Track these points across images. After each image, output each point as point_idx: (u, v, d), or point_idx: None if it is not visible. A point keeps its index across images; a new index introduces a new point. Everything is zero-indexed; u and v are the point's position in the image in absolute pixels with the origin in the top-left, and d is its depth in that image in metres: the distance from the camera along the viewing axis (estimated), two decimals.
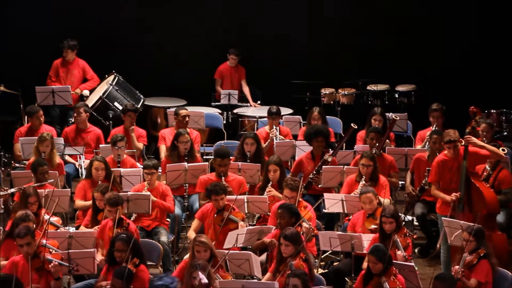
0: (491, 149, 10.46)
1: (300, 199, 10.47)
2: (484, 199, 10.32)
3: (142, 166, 11.92)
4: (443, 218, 10.31)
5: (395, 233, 9.55)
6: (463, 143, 10.35)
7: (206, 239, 9.25)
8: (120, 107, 14.13)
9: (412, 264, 9.27)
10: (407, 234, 9.70)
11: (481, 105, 11.20)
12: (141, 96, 14.86)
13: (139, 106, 14.39)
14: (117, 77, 14.71)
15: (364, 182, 11.06)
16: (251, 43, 15.91)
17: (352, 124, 12.46)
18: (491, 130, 12.34)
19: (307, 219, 10.06)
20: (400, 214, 9.85)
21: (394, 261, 9.07)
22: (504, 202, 11.23)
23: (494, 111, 14.24)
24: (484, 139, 12.07)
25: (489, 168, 11.33)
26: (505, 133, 14.19)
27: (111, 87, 14.51)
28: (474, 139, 10.36)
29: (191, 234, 10.43)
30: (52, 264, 9.03)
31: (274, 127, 13.07)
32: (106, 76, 14.88)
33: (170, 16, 16.03)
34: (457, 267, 9.09)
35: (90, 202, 10.86)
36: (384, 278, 8.71)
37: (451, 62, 15.40)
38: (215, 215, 10.43)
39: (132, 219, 10.75)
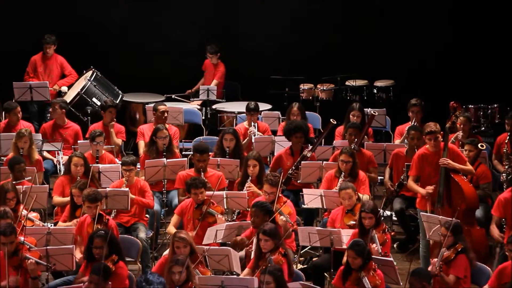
0: (465, 169, 10.50)
1: (280, 195, 10.47)
2: (464, 194, 10.36)
3: (120, 162, 11.90)
4: (421, 213, 10.34)
5: (374, 228, 9.57)
6: (440, 163, 10.39)
7: (186, 235, 9.24)
8: (99, 103, 14.08)
9: (391, 259, 9.30)
10: (386, 230, 9.72)
11: (459, 100, 11.23)
12: (120, 91, 14.82)
13: (117, 101, 14.35)
14: (95, 73, 14.65)
15: (343, 177, 11.08)
16: (230, 39, 15.88)
17: (331, 120, 12.48)
18: (468, 124, 12.40)
19: (286, 214, 10.07)
20: (379, 209, 9.87)
21: (374, 256, 9.09)
22: (483, 197, 11.28)
23: (472, 106, 14.31)
24: (462, 132, 12.14)
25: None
26: (483, 128, 14.26)
27: (89, 83, 14.46)
28: (450, 162, 10.38)
29: (171, 229, 10.42)
30: (28, 262, 8.99)
31: (253, 124, 13.06)
32: (84, 71, 14.83)
33: (149, 12, 15.97)
34: (435, 260, 9.12)
35: (68, 198, 10.81)
36: (363, 273, 8.73)
37: (429, 58, 15.43)
38: (195, 210, 10.42)
39: (112, 215, 10.71)
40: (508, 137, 12.37)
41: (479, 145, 11.54)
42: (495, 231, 10.03)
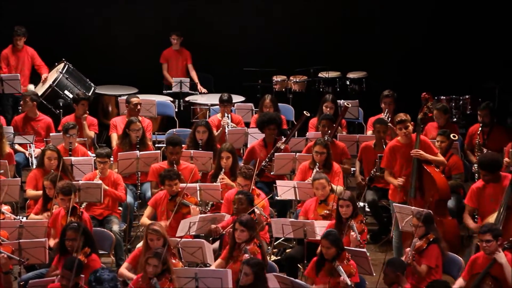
0: (437, 160, 10.57)
1: (253, 187, 10.48)
2: (436, 185, 10.41)
3: (93, 155, 11.85)
4: (394, 204, 10.39)
5: (352, 218, 9.59)
6: (412, 154, 10.43)
7: (159, 227, 9.22)
8: (71, 96, 14.01)
9: (364, 250, 9.33)
10: (363, 221, 9.76)
11: (431, 91, 11.28)
12: (92, 84, 14.75)
13: (90, 94, 14.29)
14: (67, 65, 14.57)
15: (317, 169, 11.10)
16: (203, 30, 15.87)
17: (304, 112, 12.50)
18: (443, 115, 12.47)
19: (260, 207, 10.09)
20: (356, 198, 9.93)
21: (347, 247, 9.12)
22: (455, 187, 11.35)
23: (444, 97, 14.38)
24: (438, 123, 12.23)
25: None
26: (455, 119, 14.34)
27: (61, 75, 14.39)
28: (422, 153, 10.43)
29: (144, 221, 10.40)
30: (0, 256, 8.93)
31: (226, 114, 13.06)
32: (56, 64, 14.74)
33: (119, 3, 15.91)
34: (408, 249, 9.17)
35: (41, 192, 10.75)
36: (337, 263, 8.75)
37: (401, 49, 15.48)
38: (168, 201, 10.40)
39: (82, 207, 10.66)
40: (480, 128, 12.45)
41: (451, 136, 11.60)
42: (470, 222, 10.08)
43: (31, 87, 14.52)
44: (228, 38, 15.82)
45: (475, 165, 11.99)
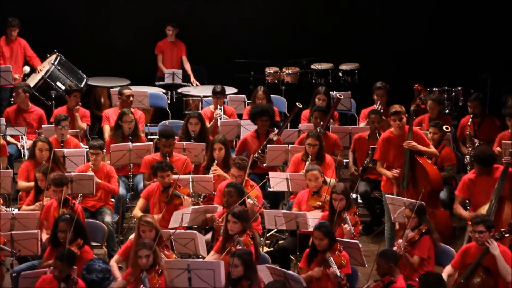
0: (429, 152, 10.58)
1: (246, 178, 10.48)
2: (428, 176, 10.43)
3: (86, 147, 11.83)
4: (386, 195, 10.41)
5: (345, 211, 9.61)
6: (405, 145, 10.45)
7: (151, 218, 9.22)
8: (63, 87, 13.99)
9: (357, 241, 9.34)
10: (356, 213, 9.77)
11: (424, 83, 11.29)
12: (84, 75, 14.73)
13: (82, 86, 14.26)
14: (59, 57, 14.55)
15: (310, 161, 11.11)
16: (196, 22, 15.84)
17: (296, 103, 12.51)
18: (437, 106, 12.48)
19: (253, 197, 10.10)
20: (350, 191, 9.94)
21: (339, 238, 9.14)
22: (447, 179, 11.37)
23: (436, 89, 14.39)
24: (431, 115, 12.25)
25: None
26: (447, 110, 14.36)
27: (53, 66, 14.36)
28: (415, 144, 10.44)
29: (137, 212, 10.41)
30: None
31: (219, 106, 13.05)
32: (48, 55, 14.70)
33: None
34: (400, 240, 9.19)
35: (33, 183, 10.74)
36: (328, 254, 8.77)
37: (394, 41, 15.46)
38: (161, 193, 10.40)
39: (78, 200, 10.66)
40: (470, 120, 12.48)
41: (444, 127, 11.62)
42: (462, 211, 10.09)
43: (26, 68, 14.46)
44: (221, 30, 15.78)
45: (467, 156, 12.02)
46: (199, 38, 15.65)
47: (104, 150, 11.46)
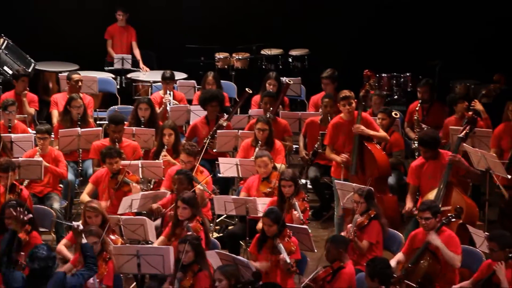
0: (379, 136, 10.65)
1: (197, 164, 10.47)
2: (376, 162, 10.51)
3: (33, 132, 11.71)
4: (336, 181, 10.47)
5: (294, 196, 9.65)
6: (353, 130, 10.50)
7: (97, 204, 9.19)
8: (10, 72, 13.80)
9: (306, 226, 9.39)
10: (305, 199, 9.82)
11: (373, 69, 11.35)
12: (32, 60, 14.54)
13: (30, 70, 14.09)
14: (6, 41, 14.35)
15: (260, 146, 11.13)
16: (144, 6, 15.73)
17: (246, 89, 12.51)
18: (382, 101, 12.58)
19: (204, 184, 10.09)
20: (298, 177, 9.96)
21: (289, 224, 9.18)
22: (395, 164, 11.47)
23: (385, 75, 14.50)
24: (373, 110, 12.34)
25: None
26: (396, 96, 14.48)
27: (0, 51, 14.16)
28: (364, 128, 10.50)
29: (84, 197, 10.37)
30: None
31: (168, 92, 13.00)
32: None
33: None
34: (349, 226, 9.26)
35: None
36: (278, 240, 8.81)
37: (343, 26, 15.48)
38: (110, 179, 10.35)
39: (24, 184, 10.56)
40: (419, 105, 12.59)
41: (392, 113, 11.72)
42: (407, 202, 10.09)
43: None
44: (170, 15, 15.70)
45: (415, 142, 12.14)
46: (149, 23, 15.54)
47: (52, 135, 11.36)
